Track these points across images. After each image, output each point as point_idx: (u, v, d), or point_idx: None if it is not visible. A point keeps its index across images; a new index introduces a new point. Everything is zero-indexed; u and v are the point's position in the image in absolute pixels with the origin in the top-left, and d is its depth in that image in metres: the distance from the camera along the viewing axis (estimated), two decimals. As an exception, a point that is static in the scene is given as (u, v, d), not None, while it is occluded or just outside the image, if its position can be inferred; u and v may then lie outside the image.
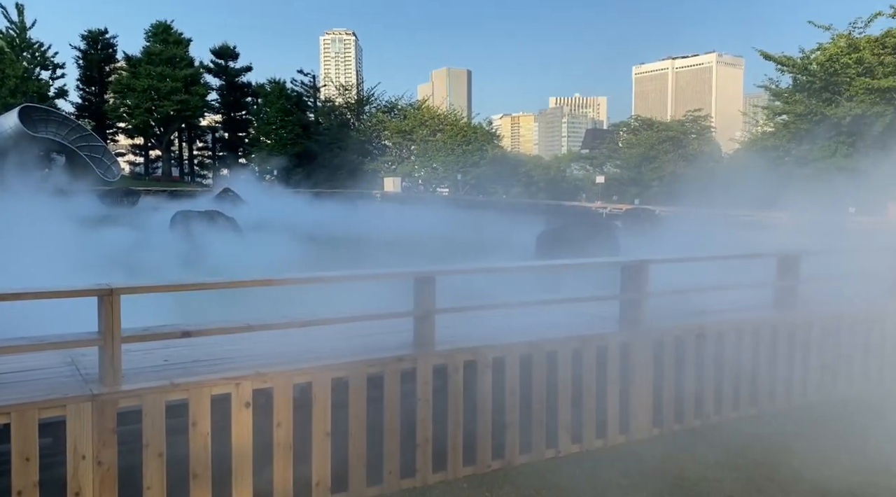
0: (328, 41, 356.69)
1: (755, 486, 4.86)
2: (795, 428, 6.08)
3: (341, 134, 66.85)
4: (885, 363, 7.28)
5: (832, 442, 5.73)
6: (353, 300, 5.84)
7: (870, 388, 7.15)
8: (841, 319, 6.98)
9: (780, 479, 4.98)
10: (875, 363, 7.22)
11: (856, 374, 7.10)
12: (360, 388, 4.70)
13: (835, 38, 33.66)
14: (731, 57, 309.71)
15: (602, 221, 26.23)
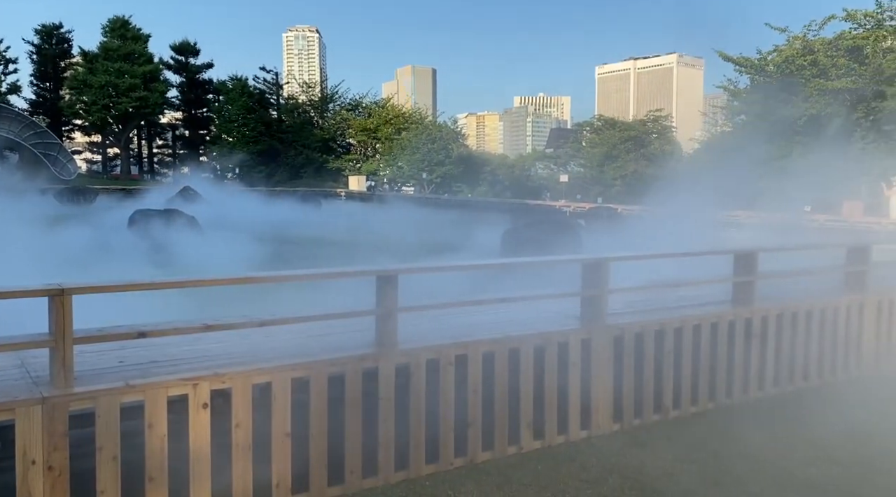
0: (291, 38, 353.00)
1: (712, 479, 4.94)
2: (752, 421, 6.20)
3: (304, 132, 66.33)
4: (838, 356, 7.47)
5: (788, 434, 5.86)
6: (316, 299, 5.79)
7: (824, 380, 7.34)
8: (796, 314, 7.14)
9: (738, 471, 5.07)
10: (829, 356, 7.41)
11: (811, 367, 7.27)
12: (321, 387, 4.65)
13: (790, 40, 34.54)
14: (691, 58, 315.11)
15: (565, 220, 26.47)
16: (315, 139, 65.82)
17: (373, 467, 4.85)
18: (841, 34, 33.04)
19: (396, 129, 65.03)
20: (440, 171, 60.75)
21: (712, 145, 38.94)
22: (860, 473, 5.06)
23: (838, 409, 6.54)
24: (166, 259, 14.81)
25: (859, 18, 32.62)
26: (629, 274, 7.54)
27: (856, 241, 7.98)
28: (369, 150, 68.13)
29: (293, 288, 8.19)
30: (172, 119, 71.50)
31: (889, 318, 7.89)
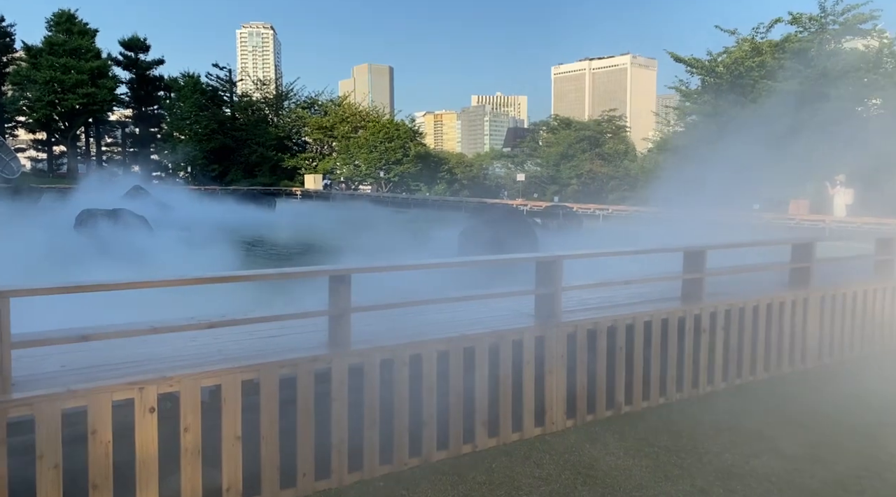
0: (245, 35, 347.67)
1: (663, 472, 5.03)
2: (701, 415, 6.33)
3: (259, 129, 65.38)
4: (783, 349, 7.68)
5: (735, 427, 6.00)
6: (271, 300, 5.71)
7: (770, 373, 7.54)
8: (743, 309, 7.31)
9: (687, 465, 5.17)
10: (775, 350, 7.61)
11: (758, 361, 7.46)
12: (271, 389, 4.58)
13: (739, 42, 35.42)
14: (644, 58, 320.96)
15: (522, 218, 26.61)
16: (270, 137, 64.91)
17: (326, 469, 4.80)
18: (787, 37, 34.02)
19: (353, 127, 64.57)
20: (398, 170, 60.56)
21: (664, 145, 39.69)
22: (803, 465, 5.21)
23: (783, 402, 6.72)
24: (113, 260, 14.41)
25: (804, 22, 33.63)
26: (586, 271, 7.64)
27: (800, 238, 8.21)
28: (325, 148, 67.51)
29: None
30: (122, 116, 69.68)
31: (832, 312, 8.14)
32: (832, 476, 5.01)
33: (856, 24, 32.03)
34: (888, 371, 7.83)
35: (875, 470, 5.13)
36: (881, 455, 5.40)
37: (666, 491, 4.73)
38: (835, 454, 5.41)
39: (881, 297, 8.74)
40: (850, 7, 32.15)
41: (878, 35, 32.23)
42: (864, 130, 30.34)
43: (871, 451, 5.49)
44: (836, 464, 5.23)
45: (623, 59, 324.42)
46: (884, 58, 31.38)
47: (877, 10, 31.80)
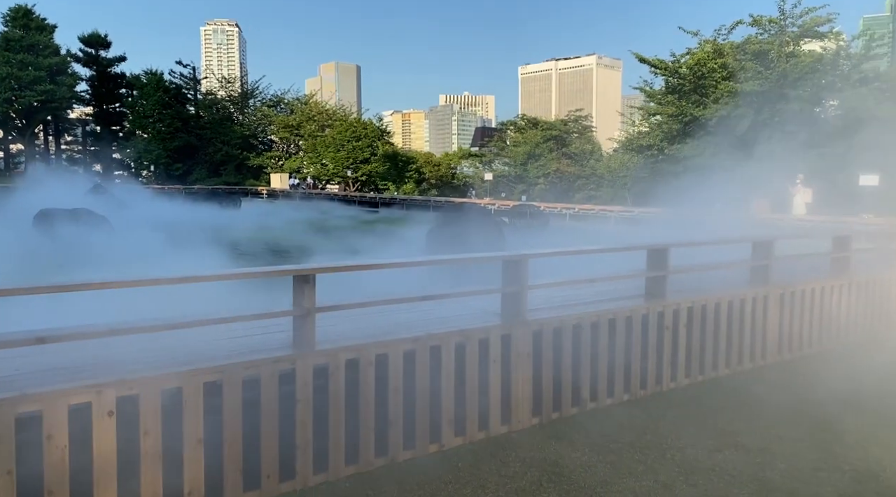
0: (209, 32, 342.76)
1: (627, 468, 5.09)
2: (665, 411, 6.42)
3: (224, 128, 64.45)
4: (744, 346, 7.83)
5: (696, 423, 6.09)
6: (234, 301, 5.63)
7: (732, 369, 7.67)
8: (705, 306, 7.43)
9: (650, 460, 5.23)
10: (736, 346, 7.75)
11: (719, 358, 7.59)
12: (235, 391, 4.52)
13: (702, 43, 35.95)
14: (609, 59, 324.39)
15: (490, 217, 26.70)
16: (235, 135, 64.02)
17: (290, 471, 4.75)
18: (748, 39, 34.62)
19: (320, 126, 64.03)
20: (365, 169, 60.26)
21: (630, 145, 40.13)
22: (764, 458, 5.31)
23: (744, 398, 6.85)
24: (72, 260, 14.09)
25: (764, 24, 34.27)
26: (554, 270, 7.68)
27: (760, 237, 8.37)
28: (292, 147, 66.87)
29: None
30: (82, 114, 68.07)
31: (790, 308, 8.32)
32: (791, 469, 5.12)
33: (813, 27, 32.73)
34: (844, 366, 8.03)
35: (833, 462, 5.25)
36: (837, 448, 5.53)
37: (629, 487, 4.78)
38: (794, 447, 5.53)
39: (837, 293, 8.96)
40: (807, 10, 32.87)
41: (834, 38, 33.00)
42: (821, 131, 31.09)
43: (828, 443, 5.62)
44: (795, 457, 5.34)
45: (589, 59, 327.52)
46: (840, 60, 32.16)
47: (833, 14, 32.59)
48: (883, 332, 9.54)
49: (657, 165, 36.83)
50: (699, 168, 32.73)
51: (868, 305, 9.43)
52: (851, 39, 33.68)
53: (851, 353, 8.60)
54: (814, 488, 4.78)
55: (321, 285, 4.99)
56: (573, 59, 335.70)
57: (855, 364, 8.07)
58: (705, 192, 28.08)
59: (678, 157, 34.27)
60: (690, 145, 33.83)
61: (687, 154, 33.67)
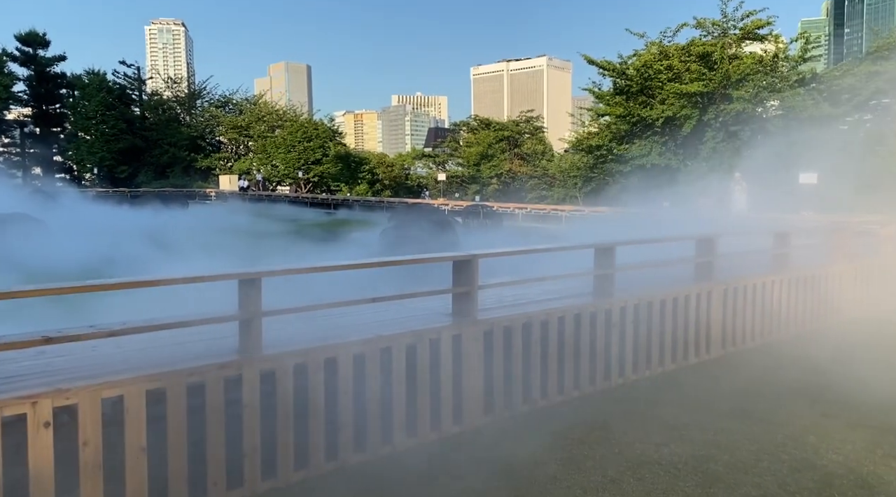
0: (154, 31, 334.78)
1: (576, 465, 5.15)
2: (613, 407, 6.52)
3: (170, 129, 63.01)
4: (689, 341, 8.02)
5: (644, 418, 6.21)
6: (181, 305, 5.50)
7: (678, 364, 7.85)
8: (651, 303, 7.58)
9: (599, 456, 5.31)
10: (681, 342, 7.92)
11: (666, 353, 7.75)
12: (178, 398, 4.42)
13: (648, 45, 36.68)
14: (560, 61, 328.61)
15: (443, 218, 26.78)
16: (182, 137, 62.65)
17: (238, 478, 4.67)
18: (692, 41, 35.48)
19: (270, 126, 63.18)
20: (317, 170, 59.71)
21: (580, 145, 40.68)
22: (708, 451, 5.44)
23: (690, 392, 7.01)
24: (9, 266, 13.60)
25: (708, 27, 35.16)
26: (507, 270, 7.73)
27: (702, 234, 8.58)
28: (241, 148, 65.81)
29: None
30: (20, 115, 65.65)
31: (733, 303, 8.55)
32: (734, 460, 5.26)
33: (754, 30, 33.73)
34: (785, 358, 8.29)
35: (773, 452, 5.41)
36: (777, 437, 5.71)
37: (578, 482, 4.84)
38: (736, 439, 5.68)
39: (778, 287, 9.24)
40: (748, 13, 33.87)
41: (773, 40, 34.09)
42: (763, 130, 32.07)
43: (769, 434, 5.79)
44: (737, 448, 5.49)
45: (539, 60, 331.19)
46: (779, 62, 33.22)
47: (772, 17, 33.64)
48: (821, 325, 9.89)
49: (606, 165, 37.46)
50: (647, 167, 33.44)
51: (807, 299, 9.76)
52: (790, 42, 34.83)
53: (792, 346, 8.88)
54: (755, 478, 4.92)
55: (272, 289, 4.92)
56: (524, 60, 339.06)
57: (795, 356, 8.34)
58: (653, 191, 28.71)
59: (626, 157, 34.91)
60: (638, 145, 34.50)
61: (635, 154, 34.33)
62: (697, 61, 33.74)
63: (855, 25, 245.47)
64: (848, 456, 5.34)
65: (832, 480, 4.90)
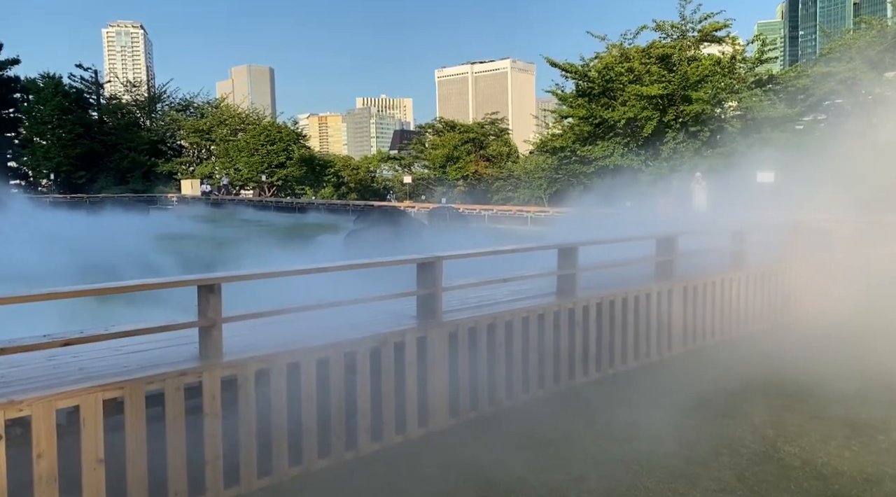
0: (112, 34, 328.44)
1: (541, 464, 5.19)
2: (577, 405, 6.59)
3: (130, 133, 61.82)
4: (651, 338, 8.13)
5: (607, 415, 6.28)
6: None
7: (640, 362, 7.95)
8: (613, 302, 7.67)
9: (563, 454, 5.36)
10: (643, 339, 8.03)
11: (628, 351, 7.85)
12: (137, 407, 4.33)
13: (609, 48, 37.15)
14: (524, 63, 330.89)
15: (409, 220, 26.77)
16: (142, 141, 61.49)
17: (200, 487, 4.60)
18: (652, 43, 36.05)
19: (232, 130, 62.42)
20: (281, 174, 59.16)
21: (544, 147, 41.01)
22: (669, 447, 5.53)
23: (652, 389, 7.11)
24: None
25: (667, 29, 35.78)
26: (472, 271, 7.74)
27: (663, 233, 8.72)
28: (203, 152, 64.88)
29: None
30: (-27, 120, 63.80)
31: (693, 301, 8.70)
32: (695, 455, 5.35)
33: (712, 32, 34.43)
34: (744, 354, 8.46)
35: (732, 446, 5.52)
36: (737, 432, 5.83)
37: (543, 482, 4.88)
38: (697, 434, 5.78)
39: (737, 285, 9.43)
40: (705, 16, 34.56)
41: (731, 42, 34.81)
42: (722, 131, 32.72)
43: (728, 429, 5.90)
44: (697, 443, 5.58)
45: (503, 63, 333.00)
46: (736, 63, 33.94)
47: (729, 20, 34.37)
48: (778, 321, 10.11)
49: (570, 166, 37.82)
50: (610, 168, 33.87)
51: (766, 295, 9.97)
52: (746, 44, 35.61)
53: (751, 342, 9.07)
54: (714, 472, 5.02)
55: (235, 295, 4.87)
56: (488, 62, 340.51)
57: (754, 352, 8.52)
58: (617, 192, 29.06)
59: (590, 159, 35.30)
60: (601, 146, 34.89)
61: (598, 155, 34.72)
62: (657, 63, 34.27)
63: (808, 28, 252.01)
64: (804, 448, 5.48)
65: (789, 473, 5.02)
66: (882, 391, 6.84)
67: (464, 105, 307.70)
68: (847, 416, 6.19)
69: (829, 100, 33.70)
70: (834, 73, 31.91)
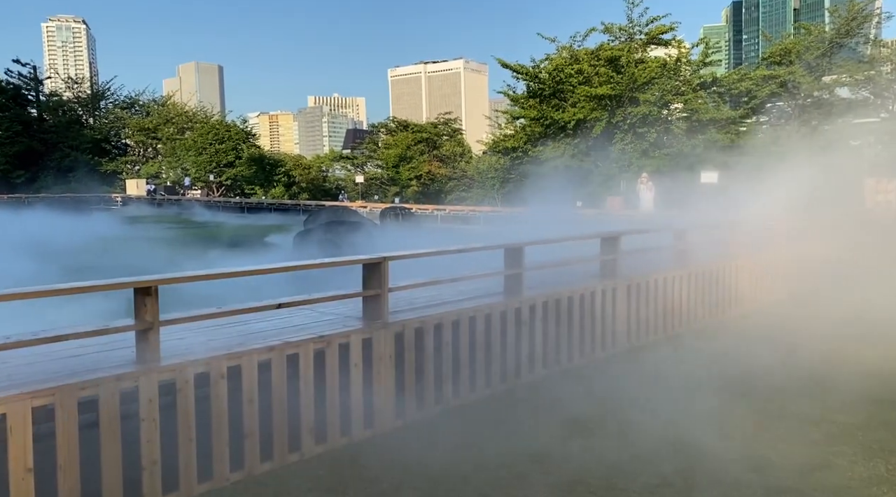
0: (52, 29, 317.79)
1: (485, 463, 5.21)
2: (523, 403, 6.66)
3: (72, 132, 59.96)
4: (596, 336, 8.26)
5: (552, 412, 6.36)
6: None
7: (585, 359, 8.07)
8: (559, 301, 7.76)
9: (508, 453, 5.39)
10: (588, 337, 8.16)
11: (574, 349, 7.96)
12: (69, 414, 4.20)
13: (559, 49, 37.63)
14: (476, 63, 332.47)
15: (359, 220, 26.59)
16: (85, 140, 59.69)
17: (136, 493, 4.48)
18: (601, 46, 36.66)
19: (179, 128, 61.10)
20: (230, 173, 58.15)
21: (496, 147, 41.30)
22: (611, 442, 5.62)
23: (596, 385, 7.21)
24: None
25: (615, 31, 36.43)
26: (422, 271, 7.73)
27: (607, 233, 8.87)
28: (149, 151, 63.32)
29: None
30: None
31: (637, 299, 8.87)
32: (635, 450, 5.45)
33: (658, 35, 35.20)
34: (686, 351, 8.68)
35: (673, 442, 5.63)
36: (678, 427, 5.95)
37: (486, 480, 4.90)
38: (639, 430, 5.89)
39: (679, 283, 9.66)
40: (652, 19, 35.30)
41: (677, 45, 35.65)
42: (668, 132, 33.47)
43: (670, 424, 6.02)
44: (640, 439, 5.69)
45: (457, 63, 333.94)
46: (682, 66, 34.77)
47: (675, 23, 35.19)
48: (721, 318, 10.40)
49: (522, 167, 38.14)
50: (561, 168, 34.29)
51: (707, 293, 10.24)
52: (692, 46, 36.50)
53: (693, 339, 9.30)
54: (655, 468, 5.12)
55: (181, 298, 4.77)
56: (441, 62, 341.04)
57: (696, 348, 8.74)
58: (568, 192, 29.44)
59: (541, 159, 35.66)
60: (552, 147, 35.30)
61: (549, 155, 35.11)
62: (606, 65, 34.86)
63: (752, 32, 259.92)
64: (742, 441, 5.64)
65: (727, 466, 5.15)
66: (815, 384, 7.09)
67: (417, 105, 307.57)
68: (782, 410, 6.39)
69: (771, 102, 34.84)
70: (774, 76, 32.98)
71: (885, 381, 7.26)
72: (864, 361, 8.00)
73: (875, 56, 32.71)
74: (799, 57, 33.85)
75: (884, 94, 32.25)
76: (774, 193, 14.17)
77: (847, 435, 5.75)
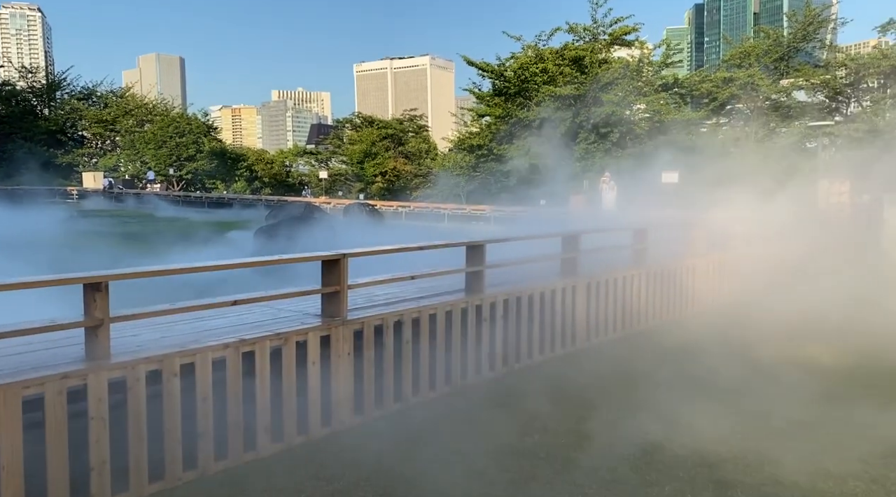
0: (6, 16, 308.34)
1: (443, 459, 5.21)
2: (482, 400, 6.67)
3: (26, 122, 58.27)
4: (556, 333, 8.32)
5: (511, 409, 6.39)
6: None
7: (545, 356, 8.12)
8: (520, 298, 7.80)
9: (465, 450, 5.39)
10: (548, 334, 8.21)
11: (534, 346, 8.00)
12: (12, 414, 4.07)
13: (525, 48, 37.84)
14: (443, 60, 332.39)
15: (322, 216, 26.37)
16: (39, 131, 58.01)
17: (84, 494, 4.37)
18: (566, 45, 36.98)
19: (139, 121, 59.83)
20: (191, 167, 57.16)
21: (462, 145, 41.36)
22: (569, 439, 5.67)
23: (555, 382, 7.26)
24: None
25: (580, 31, 36.80)
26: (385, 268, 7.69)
27: (568, 231, 8.94)
28: (107, 143, 61.86)
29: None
30: None
31: (596, 297, 8.96)
32: (592, 446, 5.50)
33: (622, 36, 35.64)
34: (643, 348, 8.80)
35: (628, 437, 5.70)
36: (634, 423, 6.03)
37: (444, 477, 4.90)
38: (596, 426, 5.95)
39: (637, 281, 9.78)
40: (616, 19, 35.73)
41: (640, 46, 36.14)
42: (631, 132, 33.89)
43: (625, 420, 6.10)
44: (596, 434, 5.75)
45: (423, 59, 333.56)
46: (645, 67, 35.24)
47: (639, 24, 35.68)
48: (678, 316, 10.57)
49: (487, 164, 38.30)
50: (525, 167, 34.49)
51: (665, 291, 10.39)
52: (654, 47, 37.04)
53: (651, 336, 9.43)
54: (610, 462, 5.17)
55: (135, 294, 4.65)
56: (408, 58, 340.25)
57: (653, 346, 8.86)
58: (532, 190, 29.64)
59: (506, 157, 35.85)
60: (516, 145, 35.50)
61: (513, 154, 35.31)
62: (570, 65, 35.15)
63: (713, 35, 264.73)
64: (694, 437, 5.72)
65: (679, 462, 5.23)
66: (767, 381, 7.25)
67: (383, 101, 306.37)
68: (733, 405, 6.52)
69: (731, 104, 35.52)
70: (735, 78, 33.61)
71: (837, 378, 7.47)
72: (816, 359, 8.21)
73: (830, 61, 33.58)
74: (758, 60, 34.60)
75: (838, 98, 33.13)
76: (733, 193, 14.43)
77: (800, 430, 5.89)
